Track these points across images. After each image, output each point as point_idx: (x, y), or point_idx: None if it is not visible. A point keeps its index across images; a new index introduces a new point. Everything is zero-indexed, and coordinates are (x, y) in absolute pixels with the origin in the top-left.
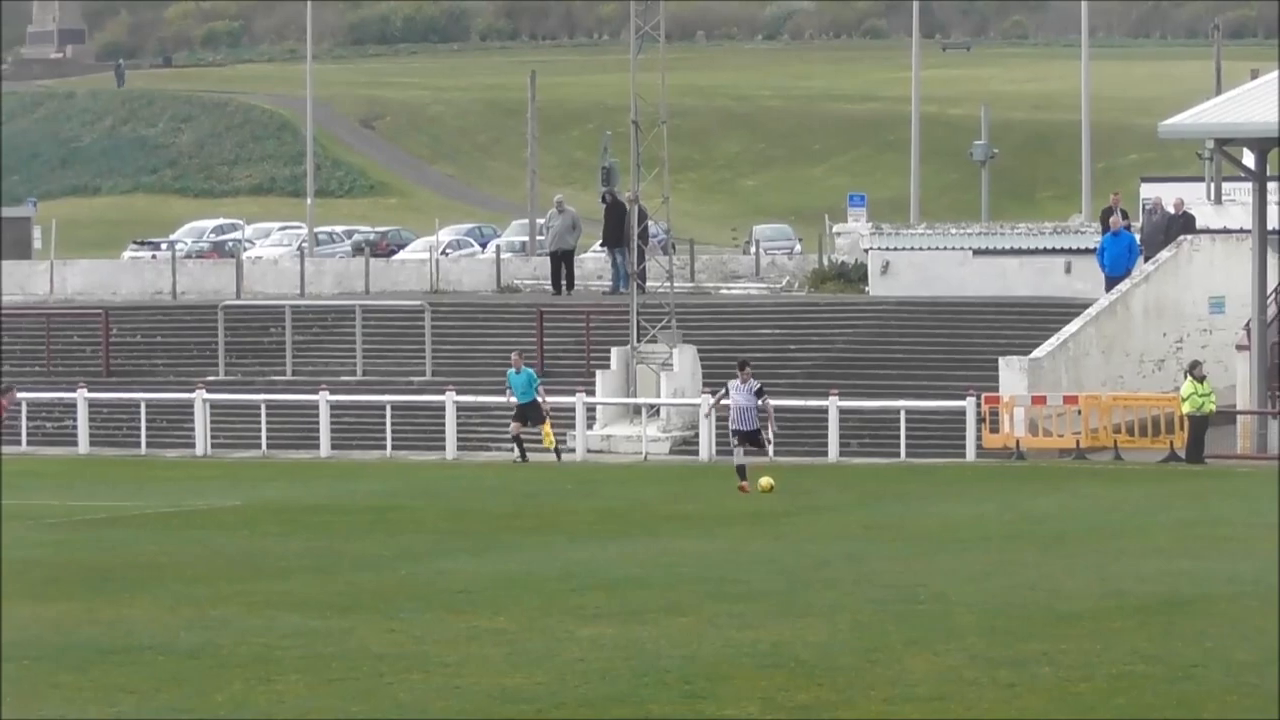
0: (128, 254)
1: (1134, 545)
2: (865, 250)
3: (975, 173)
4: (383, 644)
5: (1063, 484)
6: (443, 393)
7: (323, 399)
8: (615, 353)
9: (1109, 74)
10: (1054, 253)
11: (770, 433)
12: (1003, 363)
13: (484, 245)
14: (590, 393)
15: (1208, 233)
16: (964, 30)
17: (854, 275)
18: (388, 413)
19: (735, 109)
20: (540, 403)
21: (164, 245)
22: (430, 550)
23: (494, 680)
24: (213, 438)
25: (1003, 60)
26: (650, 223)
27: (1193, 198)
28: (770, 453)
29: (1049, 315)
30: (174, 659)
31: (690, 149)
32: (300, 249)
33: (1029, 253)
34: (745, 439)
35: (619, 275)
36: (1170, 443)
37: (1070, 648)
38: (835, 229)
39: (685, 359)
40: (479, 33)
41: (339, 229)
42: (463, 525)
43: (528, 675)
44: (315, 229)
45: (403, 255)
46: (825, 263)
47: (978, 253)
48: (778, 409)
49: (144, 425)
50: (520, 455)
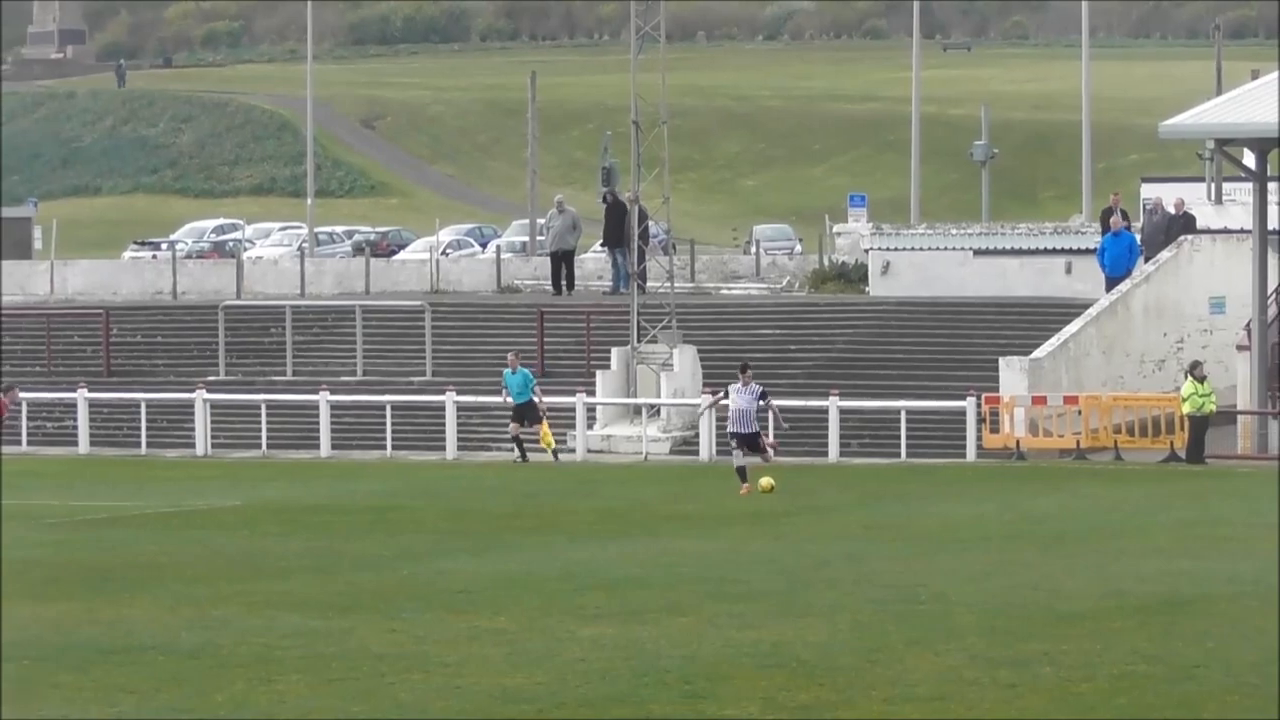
0: (128, 254)
1: (1134, 545)
2: (865, 250)
3: (975, 173)
4: (383, 644)
5: (1063, 484)
6: (443, 393)
7: (323, 399)
8: (615, 353)
9: (1109, 74)
10: (1054, 253)
11: (775, 435)
12: (1003, 363)
13: (484, 245)
14: (590, 393)
15: (1208, 233)
16: (964, 30)
17: (854, 275)
18: (388, 413)
19: (735, 109)
20: (537, 403)
21: (164, 245)
22: (430, 550)
23: (494, 680)
24: (213, 438)
25: (1003, 60)
26: (650, 223)
27: (1193, 198)
28: (770, 456)
29: (1049, 315)
30: (174, 659)
31: (690, 149)
32: (300, 249)
33: (1029, 253)
34: (743, 442)
35: (619, 275)
36: (1171, 443)
37: (1071, 648)
38: (835, 229)
39: (685, 359)
40: (479, 33)
41: (339, 229)
42: (463, 525)
43: (528, 675)
44: (315, 229)
45: (403, 255)
46: (826, 263)
47: (978, 253)
48: (778, 409)
49: (144, 425)
50: (520, 455)
